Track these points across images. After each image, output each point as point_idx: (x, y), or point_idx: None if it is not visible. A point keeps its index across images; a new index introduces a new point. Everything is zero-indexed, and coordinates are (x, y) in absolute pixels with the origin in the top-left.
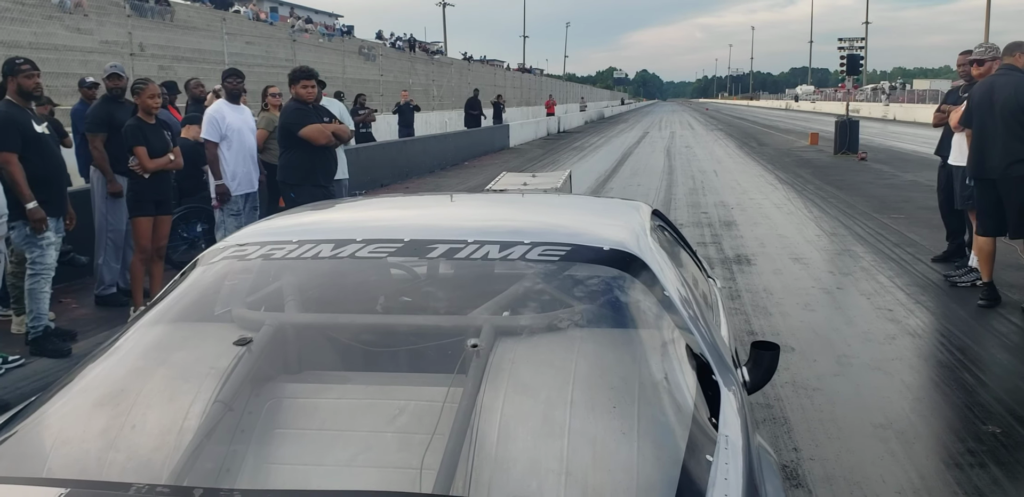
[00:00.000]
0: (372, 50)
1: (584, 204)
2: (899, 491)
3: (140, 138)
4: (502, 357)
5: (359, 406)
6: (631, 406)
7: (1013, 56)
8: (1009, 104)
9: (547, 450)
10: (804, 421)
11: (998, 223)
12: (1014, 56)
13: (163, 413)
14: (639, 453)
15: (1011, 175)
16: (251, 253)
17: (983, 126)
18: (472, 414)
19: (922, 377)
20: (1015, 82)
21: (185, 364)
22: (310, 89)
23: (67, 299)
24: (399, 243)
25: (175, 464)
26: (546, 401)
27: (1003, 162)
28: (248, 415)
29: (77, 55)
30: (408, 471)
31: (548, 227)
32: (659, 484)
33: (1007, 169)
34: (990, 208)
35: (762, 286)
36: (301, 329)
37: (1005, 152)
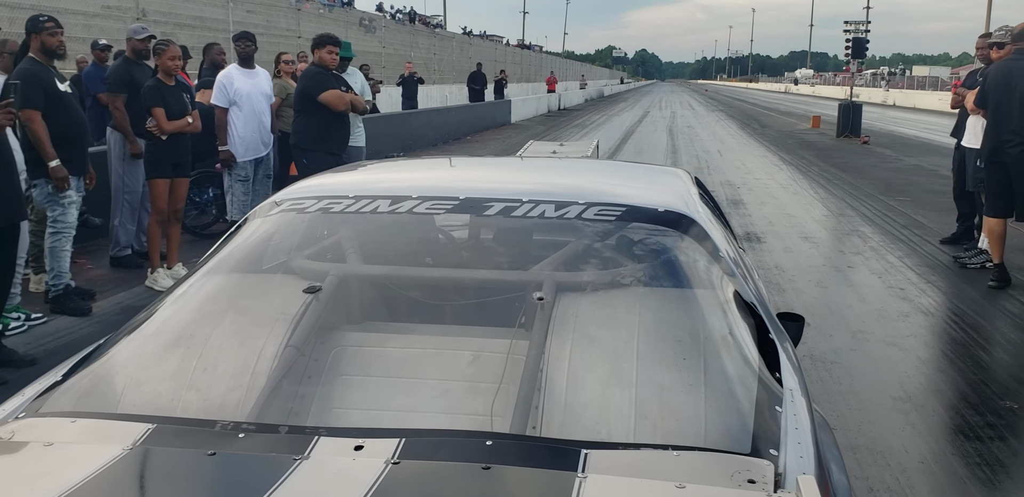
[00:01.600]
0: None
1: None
2: (922, 461)
3: (159, 99)
4: (566, 311)
5: (424, 355)
6: (697, 359)
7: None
8: None
9: (617, 397)
10: (824, 393)
11: (1008, 204)
12: None
13: (234, 356)
14: (707, 403)
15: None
16: (309, 206)
17: (998, 109)
18: (540, 364)
19: (937, 353)
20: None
21: (253, 310)
22: (334, 55)
23: (82, 260)
24: (455, 200)
25: (252, 404)
26: (612, 353)
27: (1017, 146)
28: (314, 361)
29: (80, 19)
30: (478, 417)
31: (601, 189)
32: (730, 432)
33: (1020, 153)
34: (1001, 190)
35: (773, 263)
36: (365, 280)
37: (1019, 137)
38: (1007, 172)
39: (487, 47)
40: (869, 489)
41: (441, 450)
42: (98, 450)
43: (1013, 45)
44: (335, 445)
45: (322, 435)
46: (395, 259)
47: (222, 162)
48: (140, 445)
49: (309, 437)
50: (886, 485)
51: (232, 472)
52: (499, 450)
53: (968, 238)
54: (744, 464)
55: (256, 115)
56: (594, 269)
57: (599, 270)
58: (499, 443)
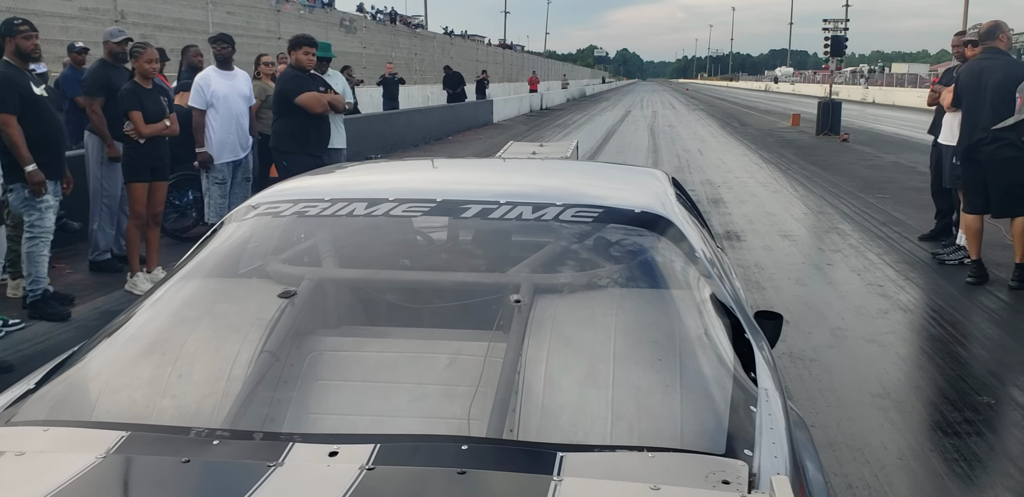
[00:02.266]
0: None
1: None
2: (900, 457)
3: (136, 102)
4: (543, 313)
5: (400, 359)
6: (673, 360)
7: (996, 39)
8: (1000, 89)
9: (593, 399)
10: (804, 390)
11: (983, 201)
12: (997, 38)
13: (210, 362)
14: (683, 404)
15: (997, 157)
16: (285, 210)
17: (971, 108)
18: (517, 366)
19: (916, 350)
20: (1003, 65)
21: (228, 316)
22: (311, 56)
23: (60, 264)
24: (432, 203)
25: (227, 411)
26: (590, 354)
27: (990, 145)
28: (290, 366)
29: (58, 21)
30: (455, 421)
31: (578, 190)
32: (705, 432)
33: (994, 151)
34: (977, 187)
35: (753, 261)
36: (340, 284)
37: (992, 134)
38: (981, 169)
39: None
40: (848, 486)
41: (416, 455)
42: (71, 459)
43: (982, 44)
44: (310, 451)
45: (297, 441)
46: (371, 262)
47: (200, 164)
48: (114, 453)
49: (284, 443)
50: (865, 482)
51: (206, 479)
52: (474, 454)
53: (946, 234)
54: (719, 465)
55: (233, 117)
56: (571, 271)
57: (576, 272)
58: (474, 447)
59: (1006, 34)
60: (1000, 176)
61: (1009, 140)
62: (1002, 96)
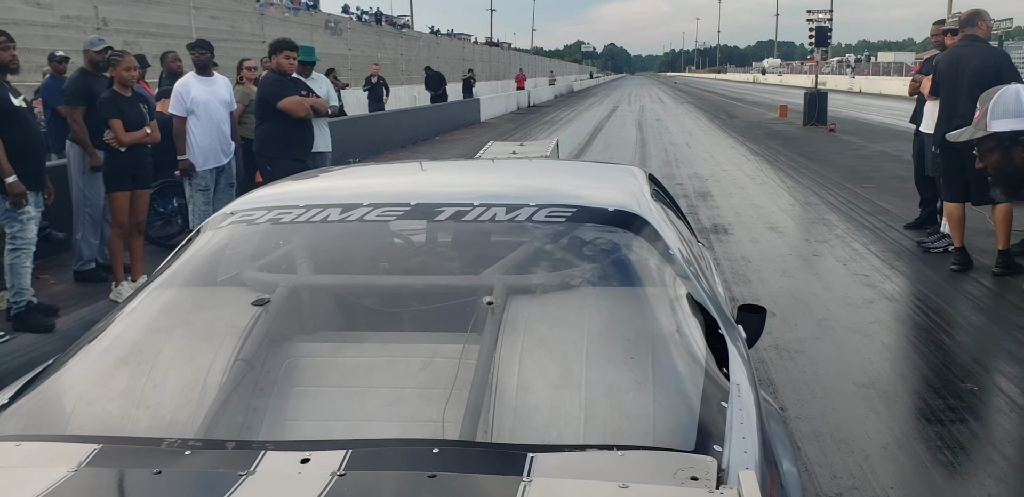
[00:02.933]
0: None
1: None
2: (884, 447)
3: (115, 111)
4: (516, 314)
5: (376, 364)
6: (645, 358)
7: (975, 26)
8: (976, 76)
9: (566, 399)
10: (789, 382)
11: (964, 189)
12: (976, 26)
13: (184, 372)
14: (655, 401)
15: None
16: (259, 217)
17: (948, 97)
18: (491, 368)
19: (901, 339)
20: (980, 53)
21: (203, 324)
22: (292, 60)
23: (45, 275)
24: (406, 207)
25: (201, 420)
26: (563, 354)
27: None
28: (267, 373)
29: (39, 30)
30: (430, 424)
31: (552, 190)
32: (677, 429)
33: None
34: (956, 175)
35: (740, 254)
36: (315, 290)
37: (969, 121)
38: (960, 157)
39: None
40: (832, 476)
41: (387, 460)
42: (43, 473)
43: (961, 31)
44: (281, 459)
45: (269, 449)
46: (346, 268)
47: (181, 172)
48: (86, 466)
49: (256, 452)
50: (849, 472)
51: (177, 490)
52: (445, 457)
53: (931, 223)
54: (688, 461)
55: (214, 123)
56: (544, 271)
57: (549, 272)
58: (445, 450)
59: (985, 22)
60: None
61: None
62: (979, 84)
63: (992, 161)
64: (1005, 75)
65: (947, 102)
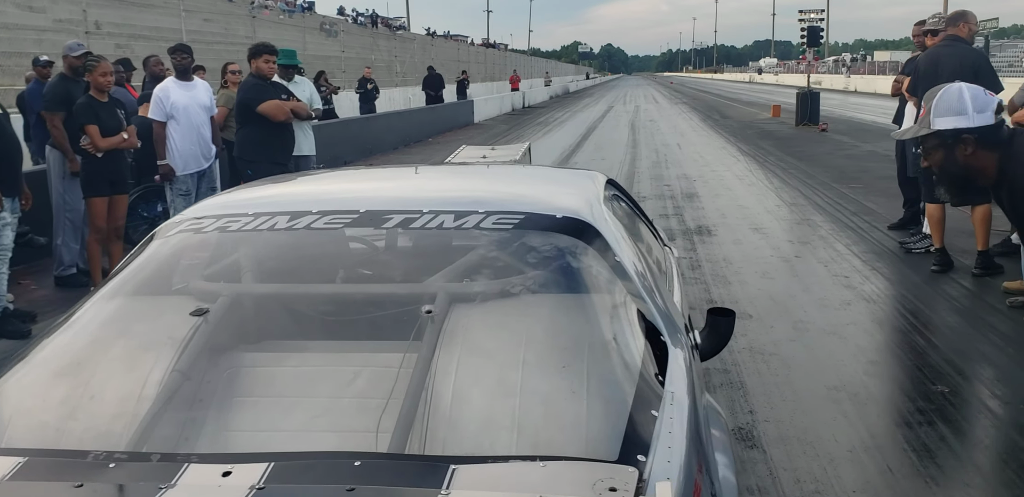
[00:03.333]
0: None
1: (540, 174)
2: (850, 449)
3: (92, 116)
4: (456, 323)
5: (317, 373)
6: (581, 365)
7: (957, 26)
8: (955, 76)
9: (500, 409)
10: (760, 385)
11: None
12: (958, 26)
13: (121, 383)
14: (588, 409)
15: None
16: (207, 226)
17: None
18: (427, 377)
19: (875, 341)
20: (959, 54)
21: (143, 335)
22: (271, 64)
23: (26, 280)
24: (355, 214)
25: (132, 432)
26: (499, 363)
27: None
28: (207, 384)
29: (30, 34)
30: (366, 434)
31: (503, 197)
32: (607, 438)
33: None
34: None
35: (722, 256)
36: (258, 299)
37: None
38: None
39: (449, 47)
40: (796, 480)
41: (308, 473)
42: None
43: (944, 31)
44: (204, 472)
45: (193, 462)
46: (291, 276)
47: (162, 176)
48: (7, 480)
49: (179, 464)
50: (813, 475)
51: None
52: (366, 471)
53: (915, 223)
54: (609, 472)
55: (194, 128)
56: (488, 279)
57: (492, 280)
58: (367, 463)
59: (968, 24)
60: None
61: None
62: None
63: (936, 160)
64: (983, 76)
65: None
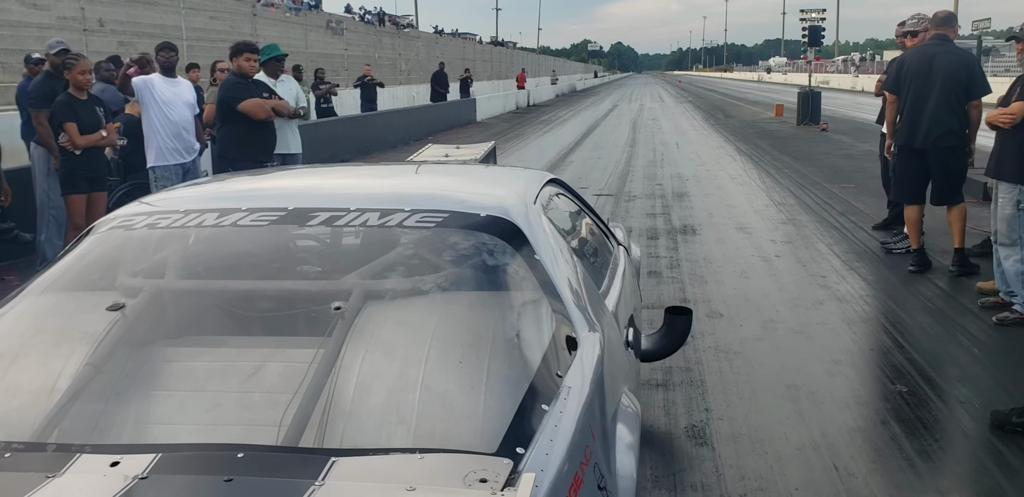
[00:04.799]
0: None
1: (479, 173)
2: (799, 448)
3: (70, 114)
4: (367, 319)
5: (230, 368)
6: (482, 362)
7: (950, 27)
8: (949, 76)
9: (399, 404)
10: (720, 383)
11: (917, 191)
12: (951, 27)
13: (34, 376)
14: (484, 404)
15: (940, 145)
16: (137, 223)
17: (917, 96)
18: (331, 373)
19: (842, 340)
20: (955, 53)
21: (60, 330)
22: (252, 62)
23: (10, 276)
24: (282, 211)
25: (38, 423)
26: (402, 359)
27: (934, 132)
28: (124, 378)
29: (33, 31)
30: (268, 428)
31: (431, 195)
32: (494, 431)
33: (937, 139)
34: (909, 176)
35: (702, 255)
36: (179, 295)
37: (937, 123)
38: (919, 159)
39: (455, 45)
40: (741, 477)
41: (192, 464)
42: None
43: (935, 29)
44: (93, 462)
45: (85, 452)
46: (213, 273)
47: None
48: None
49: (71, 455)
50: (758, 473)
51: None
52: (247, 462)
53: (900, 223)
54: (483, 463)
55: (175, 124)
56: (402, 276)
57: (405, 277)
58: (250, 455)
59: (956, 27)
60: (941, 164)
61: (951, 128)
62: (952, 84)
63: None
64: (975, 77)
65: (917, 99)
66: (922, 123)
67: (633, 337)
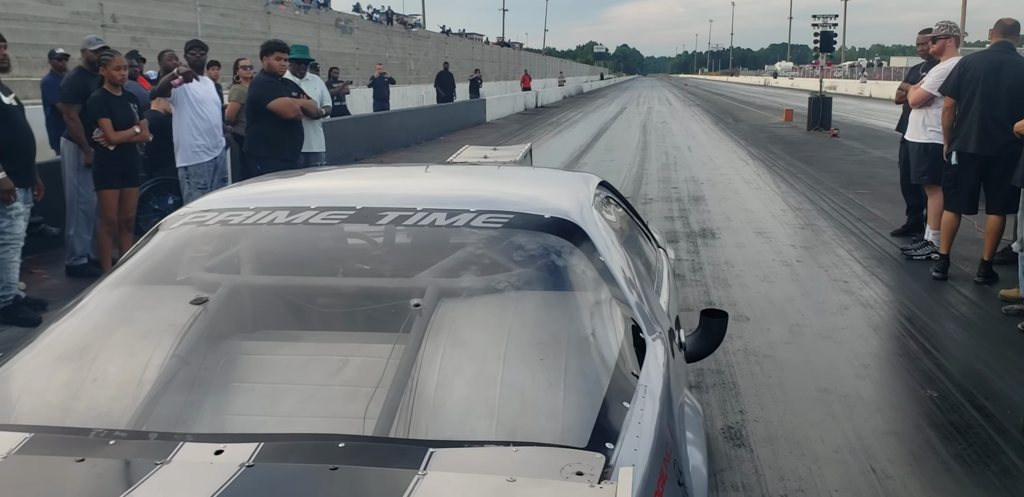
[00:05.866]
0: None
1: (533, 175)
2: (836, 450)
3: (105, 110)
4: (443, 316)
5: (309, 362)
6: (559, 359)
7: (1015, 36)
8: (1019, 83)
9: (480, 398)
10: (752, 386)
11: (972, 200)
12: (1016, 36)
13: (123, 366)
14: (564, 400)
15: (1007, 153)
16: (210, 219)
17: (985, 102)
18: (413, 367)
19: (870, 345)
20: (1022, 62)
21: (144, 322)
22: (283, 61)
23: (38, 270)
24: (351, 210)
25: (132, 412)
26: (481, 355)
27: (1002, 140)
28: (205, 370)
29: (48, 26)
30: (353, 420)
31: (494, 196)
32: (579, 427)
33: (1005, 147)
34: (967, 184)
35: (724, 259)
36: (255, 290)
37: (1005, 131)
38: (986, 165)
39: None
40: (781, 478)
41: (295, 453)
42: None
43: (1003, 37)
44: (197, 450)
45: (188, 441)
46: (288, 269)
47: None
48: (15, 454)
49: (175, 443)
50: (797, 474)
51: (94, 477)
52: (350, 452)
53: (918, 230)
54: (577, 457)
55: (208, 120)
56: (475, 275)
57: (478, 276)
58: (351, 445)
59: (1019, 36)
60: (1007, 172)
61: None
62: (1021, 92)
63: None
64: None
65: (984, 106)
66: (990, 130)
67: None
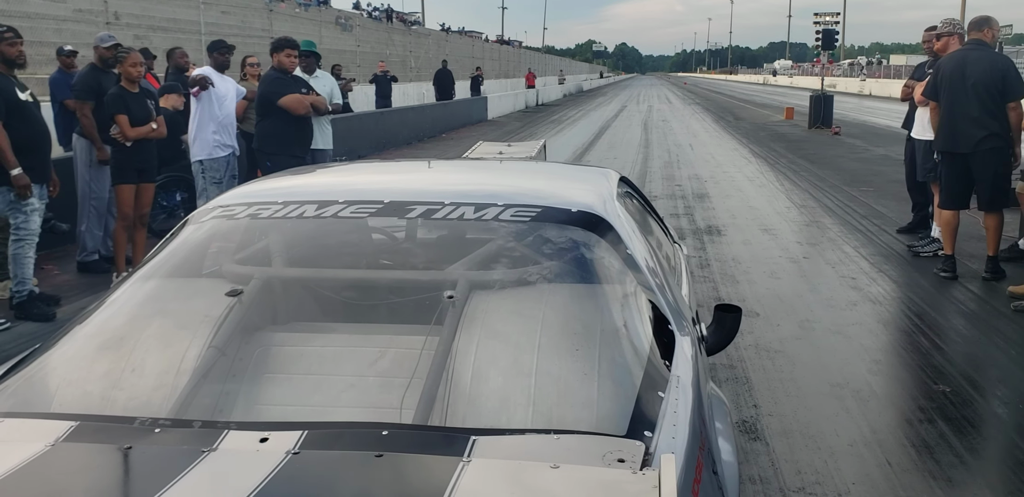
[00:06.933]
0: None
1: (556, 170)
2: (851, 444)
3: (122, 107)
4: (476, 308)
5: (343, 353)
6: (593, 350)
7: (982, 31)
8: (983, 79)
9: (516, 388)
10: (765, 380)
11: (961, 196)
12: (982, 31)
13: (161, 356)
14: (599, 390)
15: (982, 148)
16: (239, 213)
17: (954, 100)
18: (448, 358)
19: (880, 341)
20: (988, 58)
21: (180, 314)
22: (293, 58)
23: (49, 265)
24: (379, 204)
25: (173, 401)
26: (516, 346)
27: (975, 136)
28: (239, 361)
29: (51, 23)
30: (389, 410)
31: (521, 190)
32: (616, 416)
33: (979, 143)
34: (954, 182)
35: (731, 255)
36: (287, 283)
37: (977, 126)
38: (963, 164)
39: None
40: (797, 471)
41: (340, 441)
42: (22, 448)
43: (968, 34)
44: (242, 438)
45: (232, 429)
46: (319, 262)
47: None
48: (63, 441)
49: (219, 431)
50: (814, 467)
51: (144, 464)
52: (393, 439)
53: (924, 227)
54: (617, 445)
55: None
56: (505, 268)
57: (509, 269)
58: (394, 433)
59: (992, 29)
60: (986, 168)
61: (992, 131)
62: (986, 88)
63: None
64: (1011, 81)
65: (953, 104)
66: (961, 127)
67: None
